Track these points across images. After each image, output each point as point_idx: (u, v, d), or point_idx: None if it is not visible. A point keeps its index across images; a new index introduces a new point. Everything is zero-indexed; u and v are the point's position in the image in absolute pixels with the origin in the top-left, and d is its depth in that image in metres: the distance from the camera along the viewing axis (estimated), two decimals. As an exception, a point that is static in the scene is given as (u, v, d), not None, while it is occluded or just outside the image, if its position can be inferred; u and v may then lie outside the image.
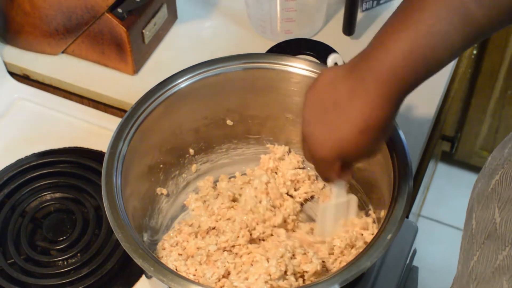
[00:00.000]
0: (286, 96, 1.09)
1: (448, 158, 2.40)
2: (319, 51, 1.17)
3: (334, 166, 0.90)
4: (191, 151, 1.13)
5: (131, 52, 1.27)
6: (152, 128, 1.04)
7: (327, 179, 0.96)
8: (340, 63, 1.10)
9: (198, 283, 0.88)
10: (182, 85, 1.06)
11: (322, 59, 1.15)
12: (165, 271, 0.87)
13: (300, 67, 1.07)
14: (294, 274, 0.97)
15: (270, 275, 0.95)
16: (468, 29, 0.79)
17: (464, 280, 0.86)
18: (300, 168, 1.13)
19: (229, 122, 1.13)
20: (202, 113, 1.11)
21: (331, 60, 1.12)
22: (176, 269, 0.99)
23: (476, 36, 0.82)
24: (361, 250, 0.90)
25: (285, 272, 0.96)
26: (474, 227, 0.81)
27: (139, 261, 0.88)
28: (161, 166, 1.08)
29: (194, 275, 0.99)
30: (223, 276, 0.98)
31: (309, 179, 1.12)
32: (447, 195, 2.32)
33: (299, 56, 1.11)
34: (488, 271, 0.79)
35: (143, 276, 1.06)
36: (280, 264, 0.96)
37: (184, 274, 0.98)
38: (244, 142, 1.15)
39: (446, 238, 2.20)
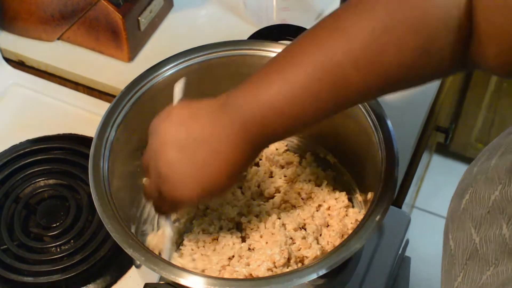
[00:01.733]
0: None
1: (443, 150, 2.41)
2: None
3: (180, 204, 0.94)
4: None
5: (127, 39, 1.27)
6: (139, 115, 1.03)
7: (164, 212, 0.97)
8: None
9: (189, 271, 0.88)
10: (171, 71, 1.06)
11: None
12: (156, 260, 0.87)
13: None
14: (295, 260, 0.97)
15: (274, 262, 0.95)
16: (344, 93, 0.79)
17: None
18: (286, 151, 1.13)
19: None
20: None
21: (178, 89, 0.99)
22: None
23: (352, 100, 0.83)
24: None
25: (289, 259, 0.97)
26: (453, 247, 0.80)
27: (129, 251, 0.88)
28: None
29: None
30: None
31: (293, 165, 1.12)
32: (442, 186, 2.32)
33: (282, 42, 1.11)
34: None
35: (136, 263, 1.07)
36: (283, 252, 0.96)
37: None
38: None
39: (440, 229, 2.19)
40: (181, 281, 0.85)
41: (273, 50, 1.07)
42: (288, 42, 1.10)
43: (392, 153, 0.96)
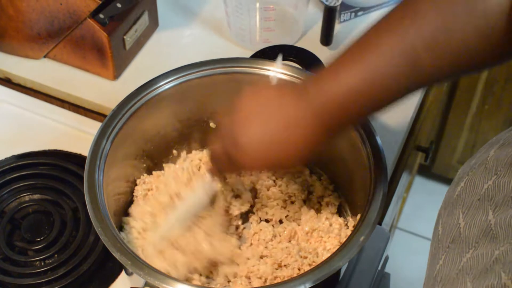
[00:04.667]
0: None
1: (426, 172, 2.42)
2: (302, 57, 1.20)
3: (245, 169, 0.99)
4: (175, 152, 1.15)
5: (112, 57, 1.28)
6: (135, 128, 1.06)
7: (219, 172, 1.02)
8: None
9: (173, 278, 0.90)
10: (166, 87, 1.09)
11: (305, 65, 1.18)
12: (142, 265, 0.89)
13: (282, 72, 1.10)
14: None
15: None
16: (415, 75, 0.82)
17: (430, 284, 0.88)
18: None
19: (212, 125, 1.15)
20: (185, 115, 1.13)
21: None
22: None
23: (420, 84, 0.86)
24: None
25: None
26: (441, 232, 0.83)
27: (117, 255, 0.90)
28: (144, 165, 1.10)
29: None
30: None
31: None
32: (424, 208, 2.34)
33: (282, 62, 1.13)
34: (452, 273, 0.81)
35: (119, 277, 1.08)
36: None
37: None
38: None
39: (422, 250, 2.21)
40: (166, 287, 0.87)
41: (274, 69, 1.10)
42: (288, 63, 1.13)
43: (381, 173, 0.99)
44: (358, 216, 0.99)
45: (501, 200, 0.76)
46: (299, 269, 1.01)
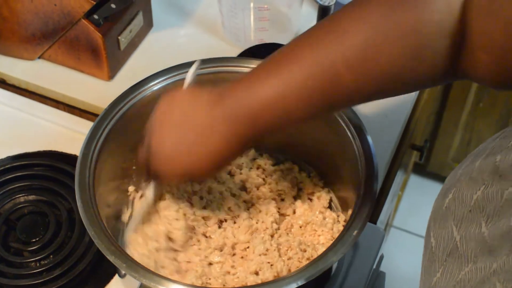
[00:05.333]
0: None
1: (421, 170, 2.43)
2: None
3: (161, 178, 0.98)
4: None
5: (107, 58, 1.28)
6: (125, 130, 1.06)
7: (149, 178, 1.02)
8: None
9: (168, 279, 0.90)
10: (155, 88, 1.09)
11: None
12: (137, 267, 0.89)
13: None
14: None
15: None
16: (334, 92, 0.82)
17: None
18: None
19: None
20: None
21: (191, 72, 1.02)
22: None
23: (340, 102, 0.85)
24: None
25: None
26: (434, 245, 0.82)
27: (111, 258, 0.90)
28: (134, 167, 1.10)
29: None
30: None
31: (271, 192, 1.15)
32: (420, 206, 2.33)
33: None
34: (450, 285, 0.81)
35: (114, 278, 1.08)
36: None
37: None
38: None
39: (417, 248, 2.22)
40: (161, 289, 0.87)
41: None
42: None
43: (372, 168, 0.99)
44: (350, 211, 1.00)
45: (492, 211, 0.76)
46: (300, 262, 1.01)
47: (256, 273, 1.00)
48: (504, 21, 0.72)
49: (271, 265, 1.00)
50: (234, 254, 1.04)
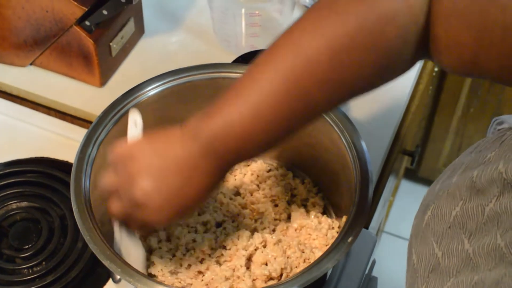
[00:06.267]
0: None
1: (412, 175, 2.43)
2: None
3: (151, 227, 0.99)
4: None
5: (98, 64, 1.29)
6: (121, 134, 1.05)
7: (133, 230, 0.99)
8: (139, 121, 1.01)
9: (164, 284, 0.90)
10: (151, 93, 1.09)
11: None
12: (132, 272, 0.89)
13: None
14: None
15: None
16: (305, 108, 0.82)
17: None
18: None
19: None
20: (171, 121, 1.12)
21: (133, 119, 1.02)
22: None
23: (313, 115, 0.85)
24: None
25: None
26: (416, 262, 0.82)
27: (106, 263, 0.90)
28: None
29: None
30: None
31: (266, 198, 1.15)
32: (411, 211, 2.31)
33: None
34: None
35: (107, 283, 1.08)
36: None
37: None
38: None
39: (408, 253, 2.23)
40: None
41: None
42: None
43: (366, 175, 0.99)
44: (344, 218, 1.00)
45: (473, 228, 0.76)
46: (298, 263, 1.02)
47: (265, 264, 1.01)
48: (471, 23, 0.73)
49: (275, 258, 1.01)
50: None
